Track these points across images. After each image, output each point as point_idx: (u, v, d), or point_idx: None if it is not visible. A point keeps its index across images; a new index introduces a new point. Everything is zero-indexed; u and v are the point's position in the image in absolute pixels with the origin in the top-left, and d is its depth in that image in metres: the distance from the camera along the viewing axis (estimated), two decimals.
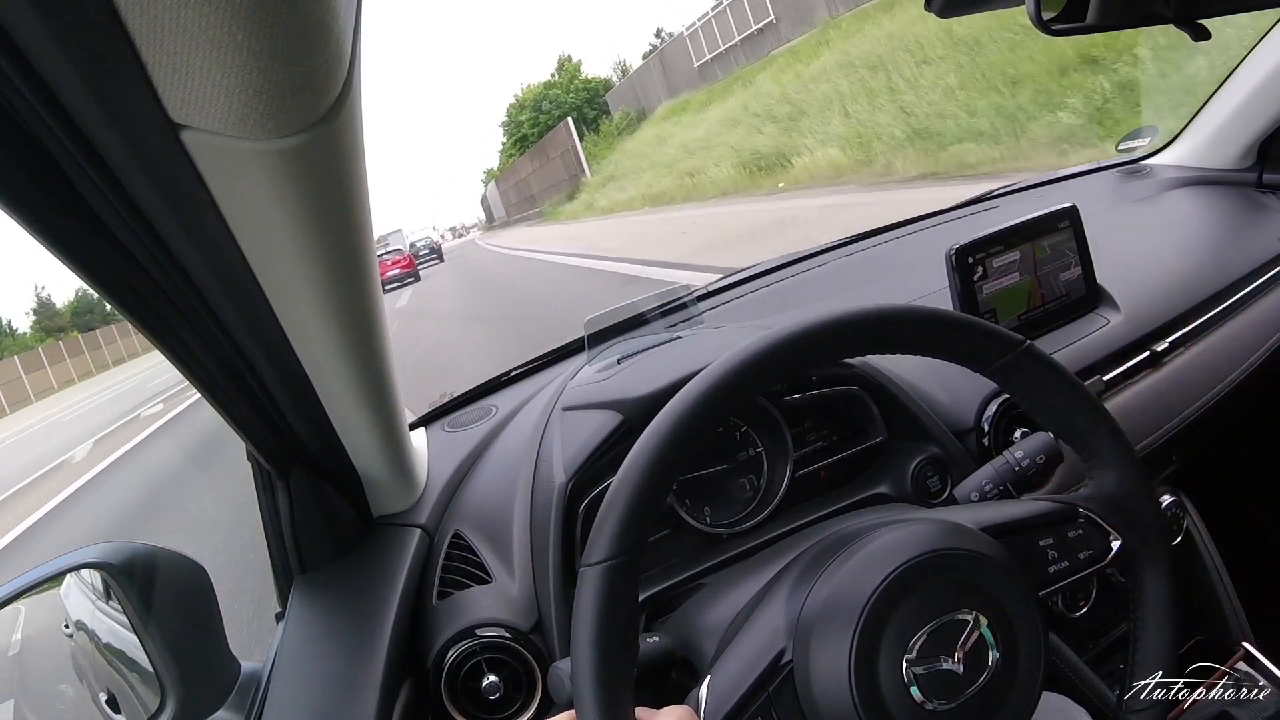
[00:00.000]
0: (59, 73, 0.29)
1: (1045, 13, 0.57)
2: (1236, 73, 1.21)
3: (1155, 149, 1.43)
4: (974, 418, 0.82)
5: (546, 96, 34.69)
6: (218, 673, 0.62)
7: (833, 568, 0.47)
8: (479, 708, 0.65)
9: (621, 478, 0.44)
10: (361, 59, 0.35)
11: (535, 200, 33.69)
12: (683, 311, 1.07)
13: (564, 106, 32.82)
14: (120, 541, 0.59)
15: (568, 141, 27.51)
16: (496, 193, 45.45)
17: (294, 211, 0.39)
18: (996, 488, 0.63)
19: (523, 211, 37.36)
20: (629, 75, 28.64)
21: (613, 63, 49.19)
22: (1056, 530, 0.51)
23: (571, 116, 29.21)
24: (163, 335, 0.44)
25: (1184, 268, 1.08)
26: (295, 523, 0.66)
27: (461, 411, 0.95)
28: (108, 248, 0.38)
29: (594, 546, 0.44)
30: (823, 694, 0.43)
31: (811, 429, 0.81)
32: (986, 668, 0.43)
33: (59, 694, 0.69)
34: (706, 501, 0.76)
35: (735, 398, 0.46)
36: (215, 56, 0.29)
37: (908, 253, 1.26)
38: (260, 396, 0.54)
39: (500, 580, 0.70)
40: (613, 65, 42.16)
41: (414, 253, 23.46)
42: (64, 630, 0.65)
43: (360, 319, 0.52)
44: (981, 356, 0.52)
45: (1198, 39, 0.55)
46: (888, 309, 0.50)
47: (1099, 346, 0.93)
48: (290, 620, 0.65)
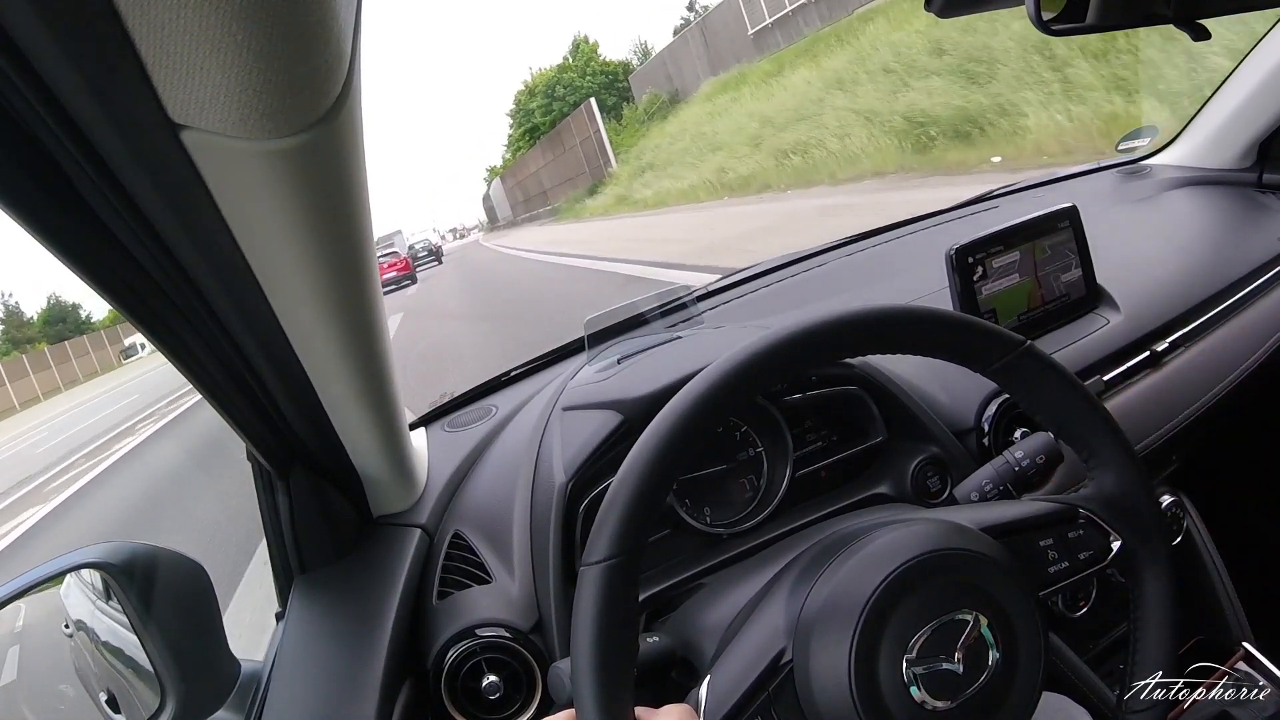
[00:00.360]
0: (59, 73, 0.29)
1: (1045, 13, 0.57)
2: (1236, 73, 1.21)
3: (1155, 149, 1.43)
4: (974, 418, 0.82)
5: (560, 81, 31.21)
6: (218, 673, 0.62)
7: (833, 568, 0.47)
8: (479, 708, 0.65)
9: (621, 477, 0.44)
10: (361, 59, 0.35)
11: (547, 197, 30.95)
12: (683, 311, 1.07)
13: (580, 92, 29.20)
14: (120, 541, 0.58)
15: (588, 128, 24.01)
16: (501, 191, 42.83)
17: (294, 211, 0.39)
18: (996, 488, 0.63)
19: (532, 210, 34.41)
20: (658, 54, 24.63)
21: (632, 44, 45.69)
22: (1056, 530, 0.51)
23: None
24: (163, 335, 0.44)
25: (1184, 268, 1.08)
26: (295, 523, 0.66)
27: (461, 411, 0.95)
28: (108, 248, 0.38)
29: (594, 546, 0.44)
30: (823, 693, 0.43)
31: (811, 429, 0.81)
32: (986, 668, 0.43)
33: (59, 694, 0.69)
34: (706, 501, 0.76)
35: (735, 398, 0.46)
36: (215, 56, 0.29)
37: (908, 253, 1.26)
38: (260, 396, 0.54)
39: (500, 580, 0.70)
40: (632, 47, 39.17)
41: (411, 254, 23.02)
42: (64, 630, 0.65)
43: (360, 319, 0.52)
44: (982, 357, 0.52)
45: (1198, 39, 0.55)
46: (888, 309, 0.50)
47: (1099, 346, 0.93)
48: (290, 620, 0.65)
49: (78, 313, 44.21)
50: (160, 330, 0.44)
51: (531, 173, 33.46)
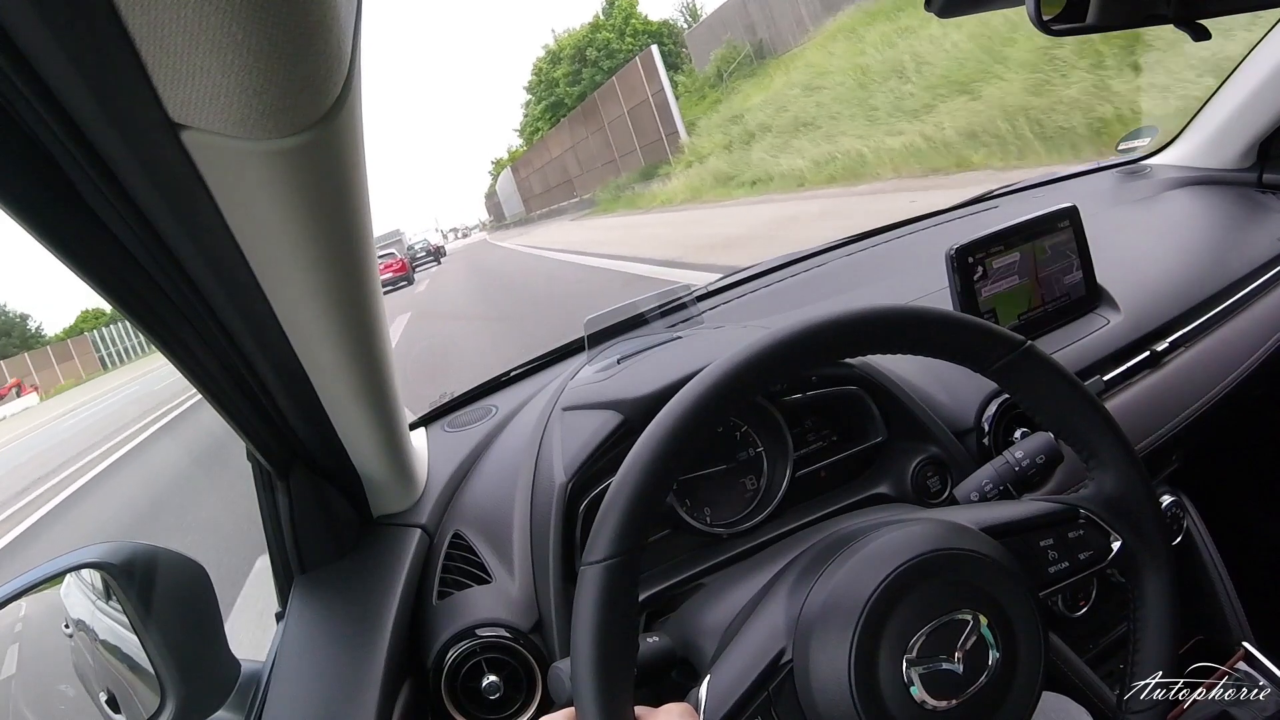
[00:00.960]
0: (59, 73, 0.29)
1: (1045, 13, 0.57)
2: (1236, 73, 1.21)
3: (1155, 149, 1.43)
4: (974, 418, 0.82)
5: (592, 43, 25.48)
6: (218, 673, 0.62)
7: (832, 568, 0.47)
8: (479, 708, 0.65)
9: (621, 477, 0.44)
10: (361, 59, 0.35)
11: (574, 186, 25.35)
12: (683, 311, 1.07)
13: (619, 56, 23.35)
14: (120, 541, 0.58)
15: (645, 88, 17.86)
16: (512, 183, 36.87)
17: (294, 211, 0.39)
18: (996, 488, 0.63)
19: (553, 203, 28.37)
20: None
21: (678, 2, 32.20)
22: (1056, 530, 0.51)
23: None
24: (162, 335, 0.45)
25: (1184, 268, 1.08)
26: (295, 523, 0.66)
27: (461, 411, 0.96)
28: (107, 248, 0.38)
29: (594, 545, 0.44)
30: (823, 694, 0.43)
31: (811, 429, 0.81)
32: (986, 668, 0.43)
33: (59, 694, 0.69)
34: (706, 501, 0.76)
35: (735, 398, 0.46)
36: (215, 56, 0.29)
37: (908, 253, 1.26)
38: (260, 396, 0.54)
39: (500, 580, 0.71)
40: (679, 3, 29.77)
41: (410, 255, 22.50)
42: (64, 630, 0.65)
43: (360, 319, 0.52)
44: (981, 357, 0.52)
45: (1198, 39, 0.55)
46: (887, 309, 0.50)
47: (1099, 346, 0.93)
48: (290, 620, 0.65)
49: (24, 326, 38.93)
50: (160, 330, 0.44)
51: (554, 157, 27.32)
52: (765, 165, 12.75)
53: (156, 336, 0.44)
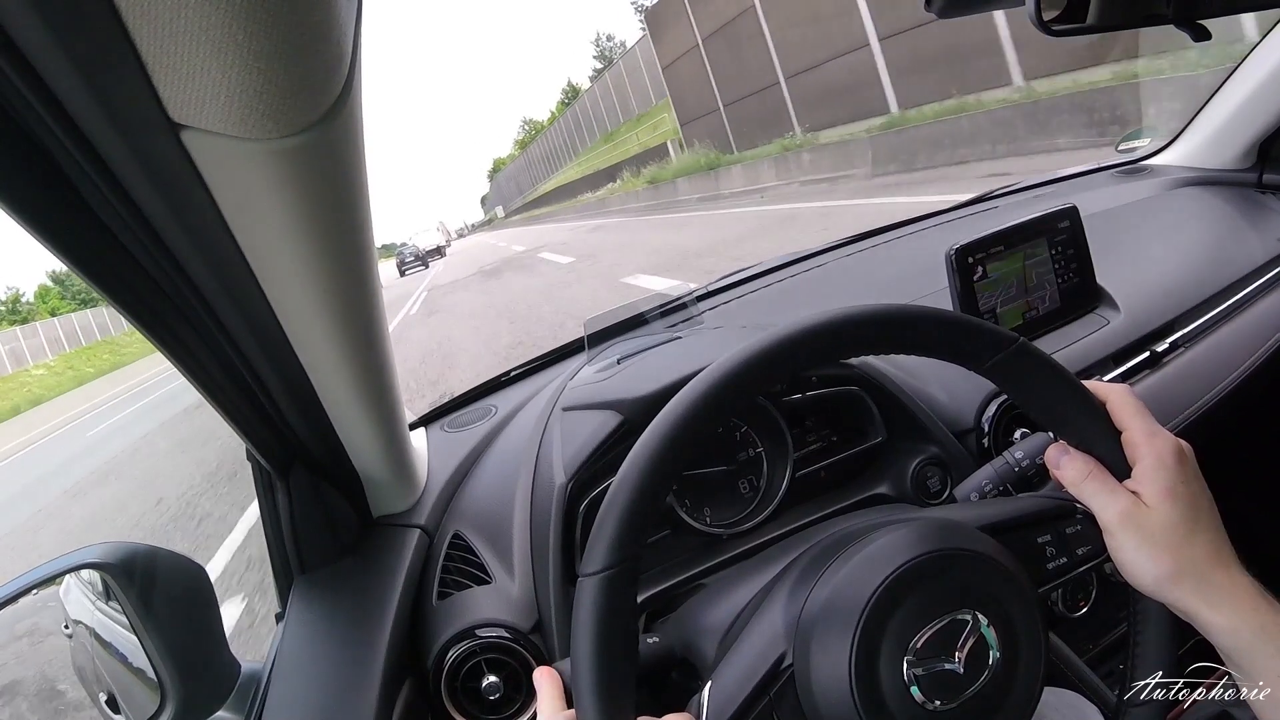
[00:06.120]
0: (59, 73, 0.29)
1: (1045, 13, 0.57)
2: (1236, 73, 1.21)
3: (1155, 149, 1.43)
4: (974, 418, 0.82)
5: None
6: (218, 673, 0.62)
7: (832, 569, 0.47)
8: (479, 708, 0.65)
9: (620, 481, 0.44)
10: (362, 59, 0.35)
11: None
12: (682, 311, 1.07)
13: None
14: (120, 541, 0.58)
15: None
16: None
17: (294, 211, 0.39)
18: (996, 488, 0.63)
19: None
20: None
21: None
22: (1054, 526, 0.51)
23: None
24: (162, 335, 0.44)
25: (1184, 268, 1.08)
26: (295, 523, 0.66)
27: (461, 411, 0.96)
28: (107, 248, 0.38)
29: (592, 554, 0.43)
30: (824, 696, 0.43)
31: (811, 429, 0.81)
32: (987, 668, 0.43)
33: (59, 694, 0.69)
34: (706, 502, 0.76)
35: (735, 398, 0.46)
36: (215, 56, 0.29)
37: (907, 253, 1.26)
38: (260, 396, 0.54)
39: (500, 580, 0.70)
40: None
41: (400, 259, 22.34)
42: (64, 630, 0.65)
43: (360, 319, 0.52)
44: (976, 355, 0.52)
45: (1198, 39, 0.55)
46: (882, 309, 0.50)
47: (1099, 346, 0.93)
48: (290, 620, 0.65)
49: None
50: (160, 330, 0.44)
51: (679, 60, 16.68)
52: None
53: (156, 336, 0.44)
